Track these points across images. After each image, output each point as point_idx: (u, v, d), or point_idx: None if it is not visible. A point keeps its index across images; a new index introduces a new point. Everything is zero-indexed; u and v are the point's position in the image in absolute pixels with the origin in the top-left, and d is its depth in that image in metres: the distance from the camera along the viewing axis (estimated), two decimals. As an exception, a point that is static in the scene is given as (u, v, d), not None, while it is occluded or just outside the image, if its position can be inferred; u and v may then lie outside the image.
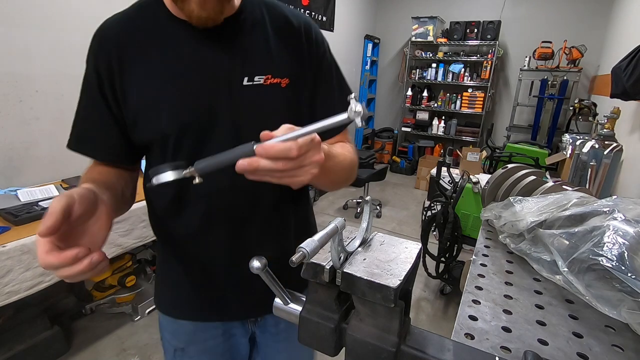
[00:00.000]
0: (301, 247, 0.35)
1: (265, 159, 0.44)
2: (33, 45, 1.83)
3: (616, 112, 2.22)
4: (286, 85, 0.66)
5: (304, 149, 0.45)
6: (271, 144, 0.44)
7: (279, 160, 0.44)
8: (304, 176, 0.48)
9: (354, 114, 0.41)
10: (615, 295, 0.66)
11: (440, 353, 0.38)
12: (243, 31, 0.65)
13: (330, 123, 0.43)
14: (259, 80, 0.64)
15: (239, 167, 0.45)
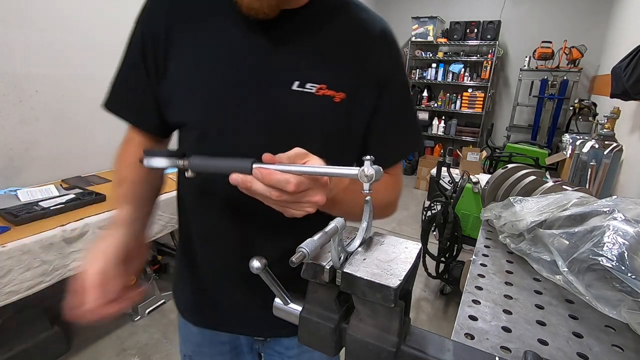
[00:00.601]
0: (301, 247, 0.35)
1: (260, 183, 0.42)
2: (33, 45, 1.84)
3: (616, 112, 2.22)
4: (341, 100, 0.57)
5: (302, 187, 0.42)
6: (269, 171, 0.41)
7: (274, 190, 0.42)
8: (297, 211, 0.45)
9: (365, 178, 0.39)
10: (615, 295, 0.66)
11: (440, 353, 0.38)
12: (307, 29, 0.57)
13: (338, 172, 0.41)
14: (310, 88, 0.56)
15: (232, 180, 0.43)
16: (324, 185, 0.45)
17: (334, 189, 0.49)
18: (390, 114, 0.63)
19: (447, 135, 5.39)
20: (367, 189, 0.40)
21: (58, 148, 2.01)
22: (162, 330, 2.04)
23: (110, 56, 2.54)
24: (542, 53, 4.36)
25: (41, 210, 1.53)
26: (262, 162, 0.43)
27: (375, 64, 0.60)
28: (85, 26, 2.02)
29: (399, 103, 0.65)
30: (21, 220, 1.44)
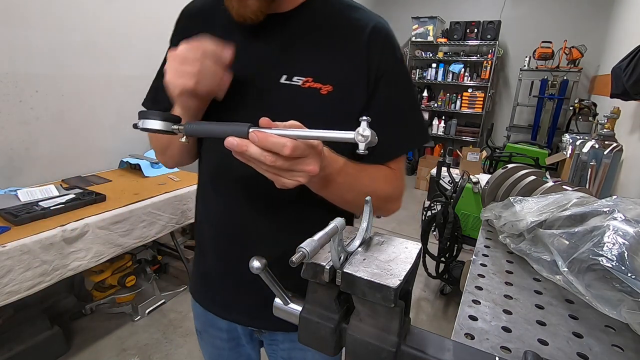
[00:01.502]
0: (301, 247, 0.35)
1: (255, 147, 0.43)
2: (33, 45, 1.84)
3: (616, 112, 2.22)
4: (328, 92, 0.60)
5: (297, 152, 0.43)
6: (266, 134, 0.42)
7: (269, 154, 0.43)
8: (289, 181, 0.46)
9: (361, 137, 0.39)
10: (615, 295, 0.66)
11: (440, 353, 0.38)
12: (298, 27, 0.62)
13: (335, 136, 0.41)
14: (297, 81, 0.60)
15: (227, 143, 0.44)
16: (319, 153, 0.46)
17: (328, 166, 0.51)
18: (387, 107, 0.63)
19: (447, 135, 5.39)
20: (363, 149, 0.40)
21: (58, 148, 2.02)
22: (162, 330, 2.04)
23: (110, 56, 2.56)
24: (542, 53, 4.36)
25: (41, 210, 1.53)
26: (258, 127, 0.44)
27: (367, 58, 0.61)
28: (85, 26, 2.02)
29: (397, 96, 0.65)
30: (21, 220, 1.44)
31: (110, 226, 1.64)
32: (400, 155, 0.68)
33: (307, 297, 0.43)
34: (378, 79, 0.62)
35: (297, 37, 0.62)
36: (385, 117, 0.63)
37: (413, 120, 0.68)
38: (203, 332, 0.86)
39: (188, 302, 2.30)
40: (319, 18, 0.63)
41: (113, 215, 1.65)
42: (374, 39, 0.62)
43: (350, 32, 0.62)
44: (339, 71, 0.61)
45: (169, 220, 1.94)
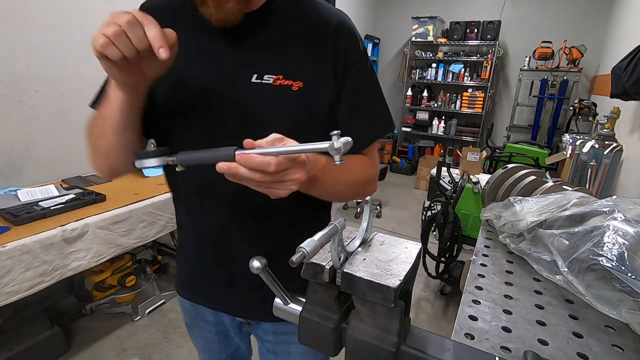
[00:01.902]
0: (301, 247, 0.35)
1: (244, 168, 0.46)
2: (33, 45, 1.84)
3: (616, 112, 2.22)
4: (298, 89, 0.62)
5: (282, 167, 0.46)
6: (250, 155, 0.45)
7: (257, 172, 0.46)
8: (282, 190, 0.49)
9: (334, 150, 0.42)
10: (615, 295, 0.66)
11: (440, 353, 0.38)
12: (264, 27, 0.63)
13: (311, 148, 0.44)
14: (268, 79, 0.62)
15: (218, 168, 0.47)
16: (302, 163, 0.49)
17: (312, 169, 0.54)
18: (355, 99, 0.67)
19: (447, 135, 5.39)
20: (338, 161, 0.43)
21: (58, 148, 2.01)
22: (162, 330, 2.04)
23: (110, 56, 2.51)
24: (542, 53, 4.36)
25: (41, 210, 1.53)
26: (243, 148, 0.47)
27: (333, 53, 0.63)
28: (85, 26, 2.02)
29: (364, 87, 0.68)
30: (21, 220, 1.44)
31: (110, 226, 1.64)
32: (372, 142, 0.72)
33: (307, 297, 0.43)
34: (345, 72, 0.65)
35: (264, 35, 0.63)
36: (355, 109, 0.67)
37: (381, 110, 0.72)
38: (193, 327, 0.88)
39: (188, 302, 2.30)
40: (284, 16, 0.64)
41: (113, 215, 1.65)
42: (338, 35, 0.64)
43: (315, 29, 0.64)
44: (307, 68, 0.63)
45: (169, 220, 1.94)
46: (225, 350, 0.89)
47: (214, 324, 0.84)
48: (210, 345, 0.88)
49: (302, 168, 0.49)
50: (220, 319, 0.83)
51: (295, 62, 0.63)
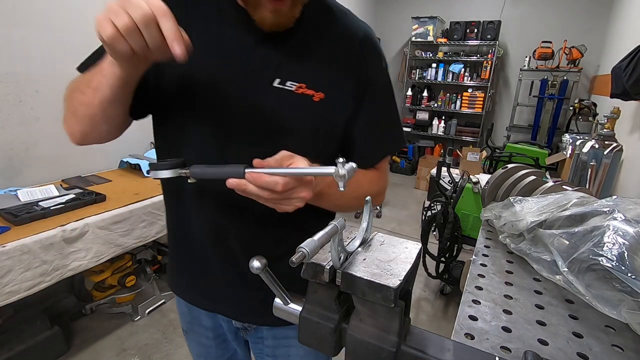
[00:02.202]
0: (301, 247, 0.35)
1: (253, 185, 0.48)
2: (33, 45, 1.84)
3: (616, 112, 2.22)
4: (319, 100, 0.61)
5: (289, 186, 0.48)
6: (259, 175, 0.47)
7: (265, 190, 0.48)
8: (288, 207, 0.51)
9: (338, 177, 0.43)
10: (615, 295, 0.66)
11: (440, 353, 0.38)
12: (294, 32, 0.60)
13: (316, 172, 0.47)
14: (290, 86, 0.60)
15: (229, 184, 0.49)
16: (309, 182, 0.50)
17: (319, 184, 0.55)
18: (372, 115, 0.67)
19: (447, 135, 5.39)
20: (342, 187, 0.44)
21: (58, 148, 2.01)
22: (162, 330, 2.04)
23: (110, 56, 2.50)
24: (542, 53, 4.36)
25: (41, 210, 1.53)
26: (252, 166, 0.49)
27: (356, 67, 0.63)
28: (85, 26, 2.02)
29: (381, 104, 0.68)
30: (21, 220, 1.44)
31: (110, 226, 1.64)
32: (383, 158, 0.72)
33: (307, 297, 0.43)
34: (366, 88, 0.65)
35: (292, 39, 0.61)
36: (372, 125, 0.67)
37: (395, 127, 0.73)
38: (189, 332, 0.86)
39: (188, 302, 2.30)
40: (314, 23, 0.62)
41: (113, 215, 1.65)
42: (363, 49, 0.64)
43: (341, 41, 0.63)
44: (331, 79, 0.62)
45: (169, 220, 1.94)
46: (222, 355, 0.87)
47: (211, 329, 0.82)
48: (207, 350, 0.86)
49: (309, 187, 0.51)
50: (218, 322, 0.81)
51: (320, 72, 0.62)
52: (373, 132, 0.68)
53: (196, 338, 0.86)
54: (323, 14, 0.63)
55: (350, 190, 0.62)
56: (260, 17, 0.55)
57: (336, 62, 0.62)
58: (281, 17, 0.55)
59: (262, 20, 0.55)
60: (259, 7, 0.54)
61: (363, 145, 0.68)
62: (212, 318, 0.81)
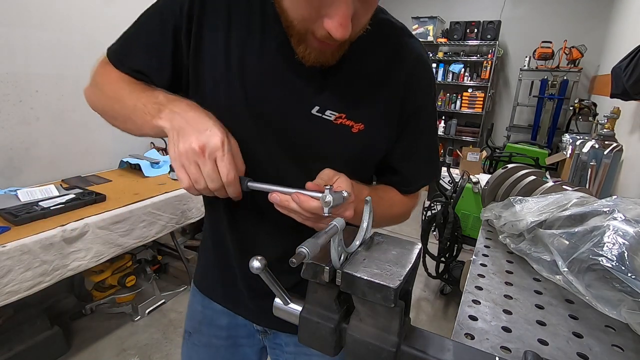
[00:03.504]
0: (301, 247, 0.35)
1: (295, 204, 0.47)
2: (33, 45, 1.84)
3: (616, 112, 2.22)
4: (358, 131, 0.58)
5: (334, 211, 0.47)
6: (307, 198, 0.46)
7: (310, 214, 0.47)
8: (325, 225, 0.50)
9: (325, 203, 0.44)
10: (615, 295, 0.66)
11: (440, 353, 0.38)
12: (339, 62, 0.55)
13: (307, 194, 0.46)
14: (329, 115, 0.56)
15: (271, 198, 0.49)
16: (351, 203, 0.49)
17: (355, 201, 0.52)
18: (413, 144, 0.65)
19: (447, 135, 5.39)
20: (327, 213, 0.45)
21: (58, 148, 2.01)
22: (162, 330, 2.04)
23: (110, 56, 2.49)
24: (542, 53, 4.36)
25: (41, 210, 1.53)
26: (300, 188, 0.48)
27: (403, 94, 0.60)
28: (85, 26, 2.02)
29: (424, 134, 0.66)
30: (21, 220, 1.44)
31: (110, 226, 1.64)
32: (419, 188, 0.72)
33: (307, 297, 0.43)
34: (410, 115, 0.62)
35: (335, 67, 0.56)
36: (411, 154, 0.66)
37: (434, 157, 0.71)
38: (195, 333, 0.82)
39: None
40: (362, 49, 0.57)
41: (113, 215, 1.65)
42: (413, 73, 0.60)
43: (391, 65, 0.59)
44: (372, 109, 0.59)
45: (169, 220, 1.94)
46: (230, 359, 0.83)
47: (225, 328, 0.79)
48: (215, 352, 0.81)
49: (351, 207, 0.49)
50: (236, 322, 0.78)
51: (362, 101, 0.58)
52: (412, 161, 0.66)
53: (204, 339, 0.81)
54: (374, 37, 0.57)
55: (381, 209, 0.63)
56: (303, 54, 0.51)
57: (381, 91, 0.59)
58: (325, 57, 0.52)
59: (304, 56, 0.52)
60: (303, 44, 0.50)
61: (399, 173, 0.67)
62: (230, 317, 0.78)
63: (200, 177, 0.48)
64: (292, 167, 0.60)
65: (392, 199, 0.68)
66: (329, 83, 0.57)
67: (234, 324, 0.79)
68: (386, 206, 0.66)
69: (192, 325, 0.83)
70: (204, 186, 0.49)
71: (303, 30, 0.49)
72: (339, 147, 0.59)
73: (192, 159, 0.48)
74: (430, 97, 0.64)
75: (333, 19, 0.44)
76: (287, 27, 0.50)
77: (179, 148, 0.48)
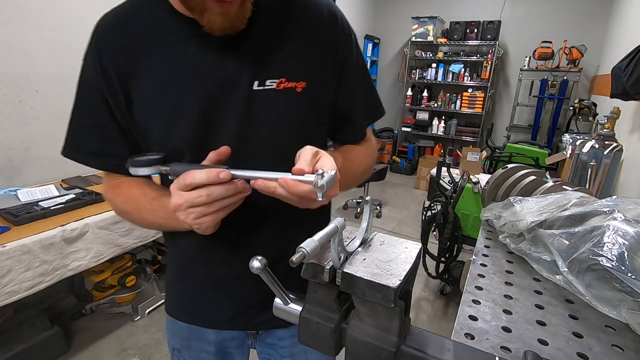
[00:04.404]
0: (301, 247, 0.35)
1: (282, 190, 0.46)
2: (33, 45, 1.84)
3: (616, 112, 2.22)
4: (302, 89, 0.59)
5: None
6: (295, 183, 0.45)
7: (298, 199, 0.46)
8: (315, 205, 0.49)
9: (318, 189, 0.43)
10: (615, 295, 0.66)
11: (440, 353, 0.38)
12: (256, 28, 0.57)
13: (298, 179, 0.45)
14: (270, 84, 0.58)
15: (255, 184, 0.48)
16: (338, 180, 0.48)
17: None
18: (353, 89, 0.68)
19: (447, 135, 5.39)
20: (321, 198, 0.44)
21: (58, 148, 2.01)
22: (162, 330, 2.04)
23: (110, 56, 2.49)
24: (542, 53, 4.36)
25: (41, 210, 1.53)
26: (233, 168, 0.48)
27: (330, 45, 0.62)
28: (85, 26, 2.02)
29: (360, 75, 0.69)
30: (21, 220, 1.44)
31: (110, 226, 1.64)
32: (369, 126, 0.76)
33: (307, 297, 0.43)
34: (342, 64, 0.64)
35: (256, 36, 0.57)
36: (355, 98, 0.69)
37: (373, 96, 0.74)
38: (183, 349, 0.80)
39: (188, 302, 2.30)
40: (273, 12, 0.59)
41: (113, 215, 1.65)
42: (332, 25, 0.63)
43: (307, 22, 0.61)
44: (308, 65, 0.60)
45: (169, 220, 1.94)
46: None
47: (214, 343, 0.78)
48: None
49: (337, 185, 0.49)
50: (223, 337, 0.78)
51: (295, 60, 0.60)
52: (357, 104, 0.69)
53: (193, 354, 0.80)
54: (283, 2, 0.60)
55: (354, 170, 0.67)
56: (208, 22, 0.51)
57: (308, 44, 0.61)
58: (232, 19, 0.52)
59: (210, 24, 0.51)
60: (205, 12, 0.50)
61: (349, 118, 0.70)
62: (218, 332, 0.77)
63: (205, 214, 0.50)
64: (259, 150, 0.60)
65: (358, 155, 0.71)
66: (257, 55, 0.58)
67: (221, 338, 0.78)
68: (357, 165, 0.70)
69: (180, 342, 0.81)
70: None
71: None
72: (290, 109, 0.60)
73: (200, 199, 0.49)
74: (353, 43, 0.67)
75: None
76: (184, 2, 0.51)
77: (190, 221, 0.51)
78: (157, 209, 0.59)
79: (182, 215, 0.50)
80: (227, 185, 0.49)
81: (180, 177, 0.48)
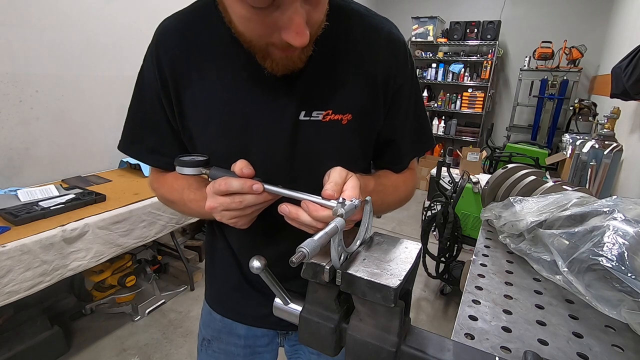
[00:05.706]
0: (301, 247, 0.35)
1: (306, 215, 0.46)
2: (33, 45, 1.84)
3: (616, 112, 2.22)
4: (347, 122, 0.59)
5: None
6: (316, 207, 0.45)
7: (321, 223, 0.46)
8: None
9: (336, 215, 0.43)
10: (615, 295, 0.66)
11: (440, 353, 0.38)
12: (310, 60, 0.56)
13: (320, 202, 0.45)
14: (317, 116, 0.58)
15: (281, 210, 0.48)
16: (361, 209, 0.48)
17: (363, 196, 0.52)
18: (403, 119, 0.66)
19: (447, 135, 5.39)
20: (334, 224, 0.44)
21: (58, 148, 2.01)
22: (162, 330, 2.04)
23: (110, 56, 2.55)
24: (542, 53, 4.36)
25: (41, 210, 1.53)
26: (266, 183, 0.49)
27: (383, 72, 0.60)
28: (85, 26, 2.02)
29: (410, 106, 0.67)
30: (21, 220, 1.44)
31: (110, 226, 1.64)
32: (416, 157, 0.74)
33: (307, 297, 0.43)
34: (395, 93, 0.62)
35: (310, 70, 0.57)
36: (402, 128, 0.67)
37: (424, 127, 0.72)
38: (215, 340, 0.82)
39: (188, 302, 2.30)
40: (330, 45, 0.57)
41: (113, 215, 1.65)
42: (389, 51, 0.61)
43: (364, 48, 0.59)
44: (357, 97, 0.59)
45: (169, 220, 1.94)
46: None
47: (244, 337, 0.79)
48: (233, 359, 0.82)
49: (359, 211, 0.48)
50: (254, 333, 0.79)
51: (344, 91, 0.59)
52: (404, 135, 0.67)
53: (223, 347, 0.81)
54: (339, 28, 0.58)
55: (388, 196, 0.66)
56: (271, 66, 0.52)
57: (360, 77, 0.59)
58: (293, 62, 0.52)
59: (272, 68, 0.53)
60: (267, 58, 0.51)
61: (395, 149, 0.69)
62: (248, 327, 0.79)
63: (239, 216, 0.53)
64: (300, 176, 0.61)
65: (395, 182, 0.70)
66: (307, 85, 0.57)
67: (252, 334, 0.79)
68: (392, 191, 0.68)
69: (211, 333, 0.82)
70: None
71: (264, 46, 0.50)
72: (334, 142, 0.60)
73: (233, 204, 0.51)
74: (409, 70, 0.64)
75: (289, 30, 0.45)
76: (248, 46, 0.52)
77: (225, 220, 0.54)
78: (200, 200, 0.61)
79: (217, 216, 0.53)
80: (258, 195, 0.50)
81: (217, 181, 0.50)
